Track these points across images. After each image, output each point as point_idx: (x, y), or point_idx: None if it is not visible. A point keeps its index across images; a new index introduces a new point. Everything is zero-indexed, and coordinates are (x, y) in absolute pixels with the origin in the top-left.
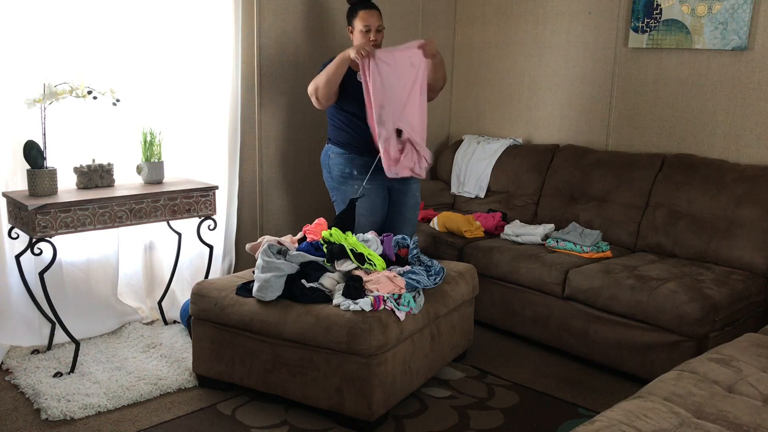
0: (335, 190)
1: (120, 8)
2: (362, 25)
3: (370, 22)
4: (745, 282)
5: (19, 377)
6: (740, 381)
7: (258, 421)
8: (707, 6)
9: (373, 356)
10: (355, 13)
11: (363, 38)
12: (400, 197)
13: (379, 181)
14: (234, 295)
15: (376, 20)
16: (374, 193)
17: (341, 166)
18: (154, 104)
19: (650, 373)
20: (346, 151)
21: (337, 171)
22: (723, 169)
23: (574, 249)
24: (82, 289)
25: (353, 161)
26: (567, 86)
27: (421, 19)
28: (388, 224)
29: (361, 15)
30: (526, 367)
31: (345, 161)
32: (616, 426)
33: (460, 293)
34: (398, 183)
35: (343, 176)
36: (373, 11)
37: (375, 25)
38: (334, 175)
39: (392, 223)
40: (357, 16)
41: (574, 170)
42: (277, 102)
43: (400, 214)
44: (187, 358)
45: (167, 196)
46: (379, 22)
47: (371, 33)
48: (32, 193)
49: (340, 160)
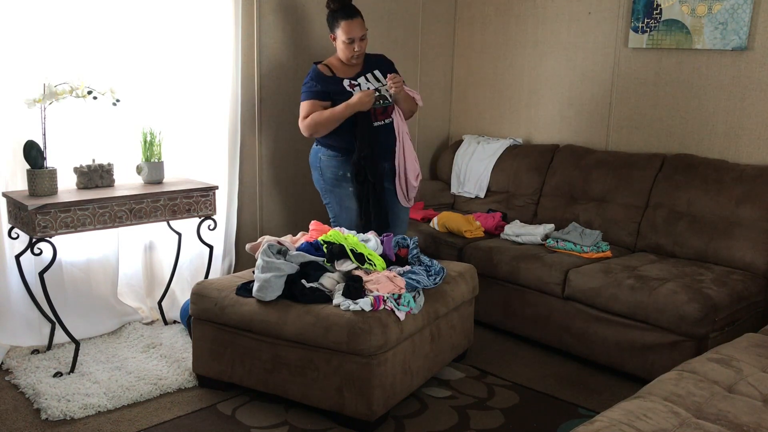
0: (328, 193)
1: (120, 8)
2: (345, 37)
3: (353, 34)
4: (745, 282)
5: (19, 377)
6: (740, 381)
7: (258, 421)
8: (707, 6)
9: (373, 356)
10: (337, 22)
11: (347, 50)
12: (393, 197)
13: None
14: (234, 295)
15: (359, 30)
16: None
17: (334, 169)
18: (154, 104)
19: (650, 373)
20: (339, 153)
21: (329, 173)
22: (723, 169)
23: (574, 249)
24: (82, 289)
25: (346, 163)
26: (567, 86)
27: (421, 19)
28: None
29: (342, 26)
30: (526, 367)
31: (338, 164)
32: (616, 426)
33: (460, 293)
34: (390, 184)
35: (337, 179)
36: (355, 20)
37: (358, 35)
38: (327, 177)
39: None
40: (339, 26)
41: (574, 170)
42: (277, 102)
43: (394, 213)
44: (187, 358)
45: (167, 196)
46: (362, 31)
47: (355, 44)
48: (32, 193)
49: (332, 163)
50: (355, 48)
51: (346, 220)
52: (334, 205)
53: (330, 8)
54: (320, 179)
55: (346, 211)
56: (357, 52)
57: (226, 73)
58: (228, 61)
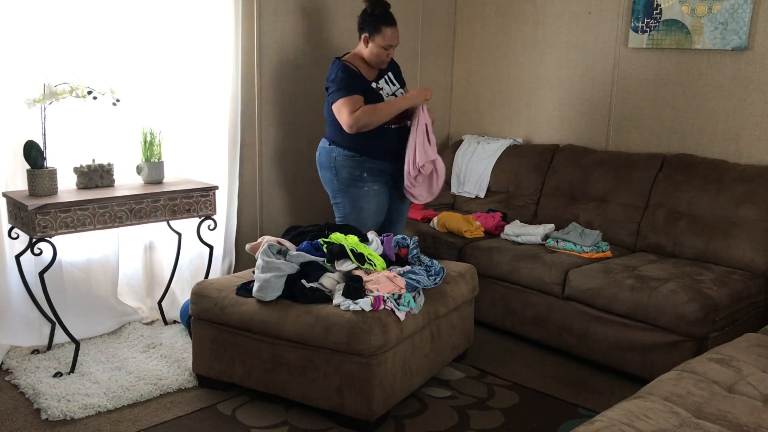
0: (341, 193)
1: (120, 8)
2: (385, 44)
3: (394, 42)
4: (745, 282)
5: (19, 377)
6: (740, 381)
7: (258, 421)
8: (707, 6)
9: (373, 356)
10: (378, 27)
11: (381, 54)
12: (400, 196)
13: (384, 182)
14: (234, 295)
15: (398, 38)
16: (382, 194)
17: (351, 169)
18: (154, 104)
19: (650, 373)
20: (357, 153)
21: (345, 173)
22: (723, 169)
23: (574, 249)
24: (82, 289)
25: (364, 164)
26: (567, 86)
27: (421, 19)
28: (386, 223)
29: (385, 32)
30: (526, 367)
31: (356, 164)
32: (616, 426)
33: (460, 293)
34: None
35: (353, 179)
36: (396, 29)
37: (397, 43)
38: (342, 177)
39: (389, 222)
40: (380, 33)
41: (574, 170)
42: (277, 102)
43: (399, 211)
44: (187, 358)
45: (167, 196)
46: (399, 39)
47: (391, 50)
48: (32, 193)
49: (350, 163)
50: (389, 54)
51: (356, 220)
52: (345, 204)
53: (373, 13)
54: (334, 179)
55: (358, 211)
56: (388, 58)
57: (226, 73)
58: (228, 61)
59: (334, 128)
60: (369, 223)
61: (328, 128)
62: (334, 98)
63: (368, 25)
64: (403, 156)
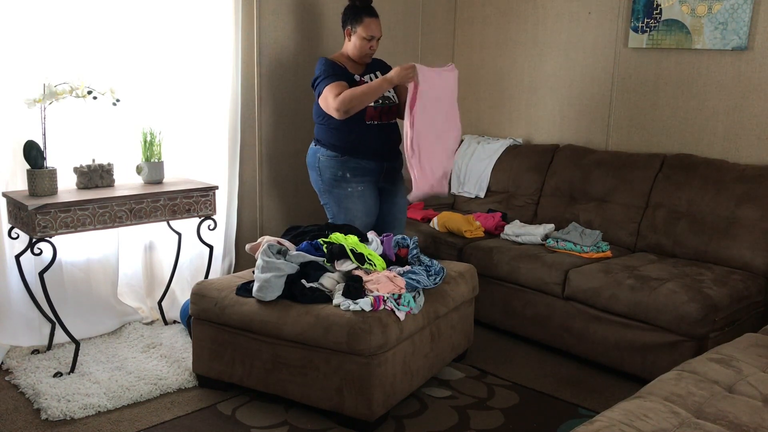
0: (326, 194)
1: (120, 8)
2: (367, 34)
3: (375, 33)
4: (745, 282)
5: (19, 377)
6: (740, 381)
7: (258, 421)
8: (707, 6)
9: (373, 356)
10: (359, 18)
11: (364, 46)
12: (391, 197)
13: (371, 182)
14: (234, 295)
15: (380, 30)
16: (368, 195)
17: (333, 169)
18: (154, 104)
19: (650, 373)
20: (338, 153)
21: (328, 174)
22: (723, 169)
23: (574, 249)
24: (82, 289)
25: (346, 164)
26: (567, 86)
27: (421, 19)
28: (380, 225)
29: (366, 23)
30: (526, 367)
31: (337, 164)
32: (616, 426)
33: (460, 293)
34: (388, 183)
35: (336, 179)
36: (377, 20)
37: (378, 34)
38: (326, 178)
39: (383, 224)
40: (361, 23)
41: (574, 170)
42: (277, 102)
43: (391, 214)
44: (187, 358)
45: (167, 196)
46: (381, 31)
47: (373, 41)
48: (32, 193)
49: (332, 163)
50: (372, 46)
51: (344, 221)
52: (332, 205)
53: (354, 5)
54: (318, 180)
55: (345, 212)
56: (371, 51)
57: (226, 73)
58: (228, 61)
59: (320, 128)
60: (357, 224)
61: (315, 128)
62: (320, 89)
63: (350, 18)
64: (387, 155)
